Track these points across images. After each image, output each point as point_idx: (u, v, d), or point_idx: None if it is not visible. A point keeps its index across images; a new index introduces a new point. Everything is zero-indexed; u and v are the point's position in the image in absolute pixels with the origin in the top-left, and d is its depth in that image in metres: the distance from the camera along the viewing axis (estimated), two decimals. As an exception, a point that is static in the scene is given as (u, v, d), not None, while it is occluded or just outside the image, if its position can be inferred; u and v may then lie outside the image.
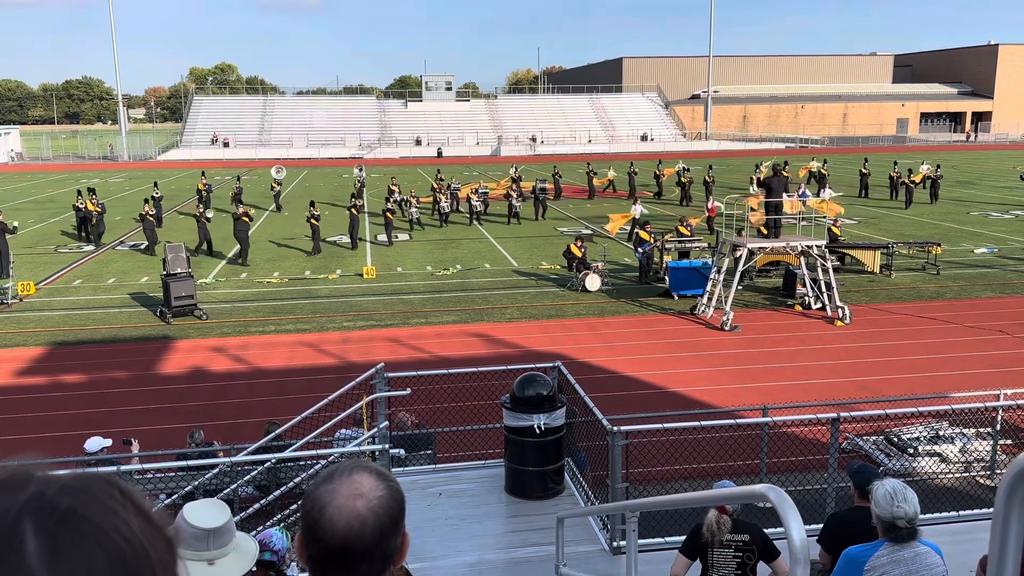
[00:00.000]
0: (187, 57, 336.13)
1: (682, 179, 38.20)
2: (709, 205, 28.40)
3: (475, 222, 32.25)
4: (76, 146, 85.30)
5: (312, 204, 26.90)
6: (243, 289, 21.46)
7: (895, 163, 40.41)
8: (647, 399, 12.92)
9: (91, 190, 29.99)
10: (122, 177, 56.57)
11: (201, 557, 2.61)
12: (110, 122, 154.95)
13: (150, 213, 26.99)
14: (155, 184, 33.14)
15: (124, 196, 44.26)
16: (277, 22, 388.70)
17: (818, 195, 28.29)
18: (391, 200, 34.01)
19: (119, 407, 13.15)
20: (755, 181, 35.13)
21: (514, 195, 32.53)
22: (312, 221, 25.90)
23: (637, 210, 26.88)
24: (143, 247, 27.35)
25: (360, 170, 42.09)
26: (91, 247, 27.77)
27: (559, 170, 42.59)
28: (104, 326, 18.00)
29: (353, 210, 26.79)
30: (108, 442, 9.09)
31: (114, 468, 7.30)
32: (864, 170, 39.32)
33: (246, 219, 24.71)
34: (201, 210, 27.40)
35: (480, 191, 33.59)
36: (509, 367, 9.24)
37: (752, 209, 20.65)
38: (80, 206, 28.45)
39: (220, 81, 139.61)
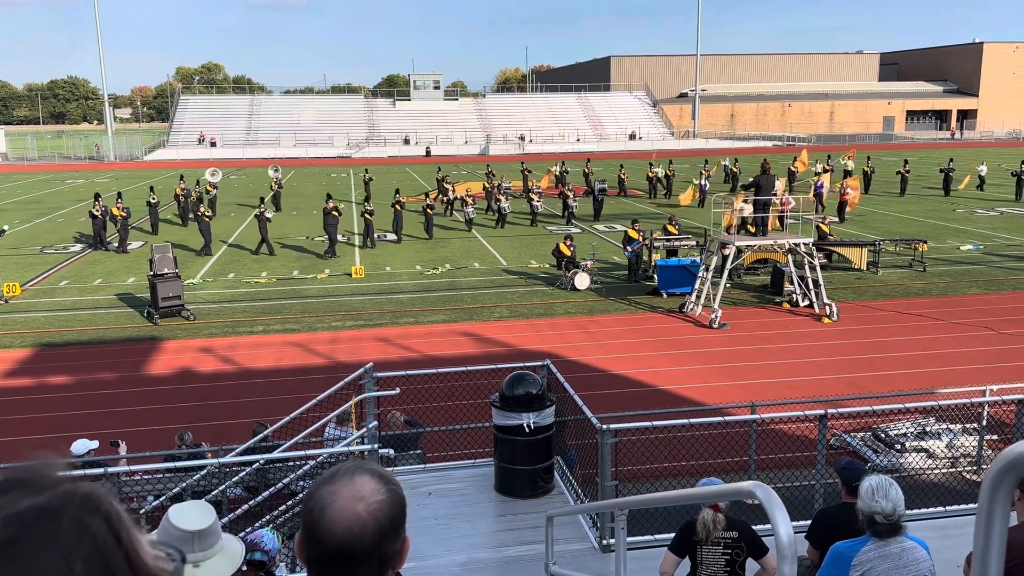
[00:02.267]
0: (174, 56, 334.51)
1: (733, 170, 38.79)
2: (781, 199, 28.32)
3: (534, 223, 31.58)
4: (61, 146, 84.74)
5: (367, 200, 28.27)
6: (231, 289, 21.37)
7: (950, 160, 41.58)
8: (636, 397, 12.94)
9: (118, 194, 29.57)
10: (108, 177, 56.24)
11: (186, 560, 2.60)
12: (96, 122, 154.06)
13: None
14: (151, 188, 32.61)
15: (110, 197, 43.96)
16: (264, 21, 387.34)
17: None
18: (444, 199, 34.29)
19: (106, 409, 13.07)
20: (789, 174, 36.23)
21: (570, 194, 32.22)
22: (366, 216, 26.97)
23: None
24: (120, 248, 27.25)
25: (276, 171, 39.84)
26: (96, 249, 27.27)
27: (625, 169, 42.80)
28: (91, 327, 17.89)
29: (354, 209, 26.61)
30: (95, 444, 9.04)
31: (101, 470, 7.25)
32: (904, 170, 39.52)
33: (336, 213, 25.54)
34: (202, 209, 27.07)
35: (536, 190, 33.42)
36: (498, 366, 9.23)
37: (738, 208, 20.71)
38: (96, 212, 27.09)
39: (207, 80, 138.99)
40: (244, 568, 2.84)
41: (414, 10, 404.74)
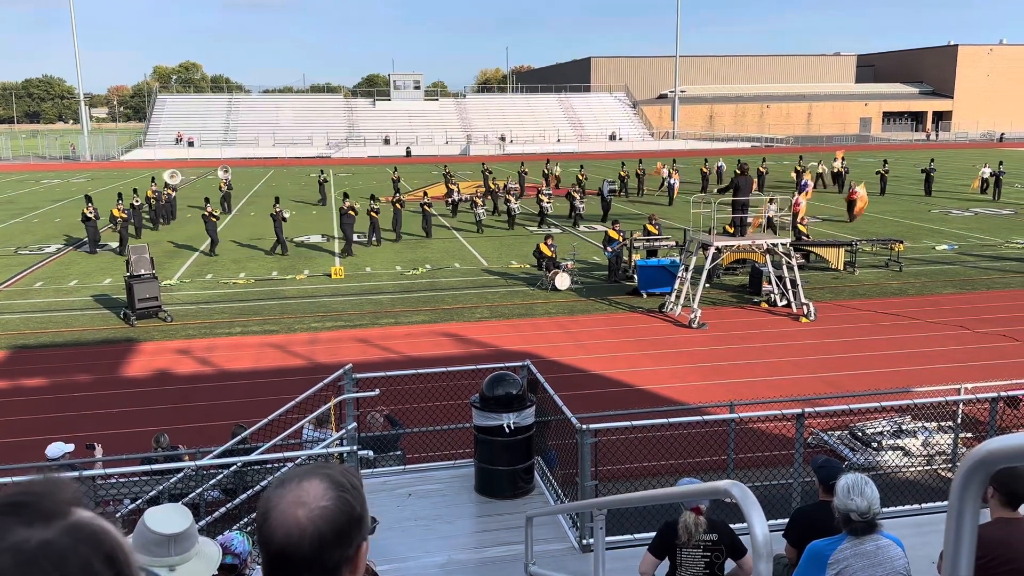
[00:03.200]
0: (151, 55, 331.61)
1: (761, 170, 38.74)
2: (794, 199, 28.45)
3: (542, 224, 31.05)
4: (36, 146, 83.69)
5: (373, 197, 28.28)
6: (208, 290, 21.20)
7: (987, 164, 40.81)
8: (617, 397, 12.98)
9: (118, 196, 28.99)
10: (84, 177, 55.63)
11: (162, 563, 2.57)
12: (72, 121, 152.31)
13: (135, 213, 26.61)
14: (134, 191, 31.96)
15: (106, 198, 43.46)
16: (243, 20, 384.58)
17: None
18: (449, 200, 34.06)
19: (82, 411, 12.92)
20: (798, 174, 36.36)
21: (577, 196, 31.99)
22: (372, 214, 27.26)
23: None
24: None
25: (225, 171, 39.10)
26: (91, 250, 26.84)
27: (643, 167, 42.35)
28: (66, 329, 17.68)
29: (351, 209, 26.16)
30: (70, 447, 8.94)
31: (76, 473, 7.17)
32: (883, 170, 39.77)
33: (352, 212, 25.76)
34: (210, 209, 26.70)
35: (546, 191, 33.11)
36: (479, 367, 9.23)
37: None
38: (89, 214, 26.37)
39: (184, 80, 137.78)
40: (216, 573, 2.82)
41: (394, 10, 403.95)
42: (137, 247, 18.38)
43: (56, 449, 8.79)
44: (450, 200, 35.30)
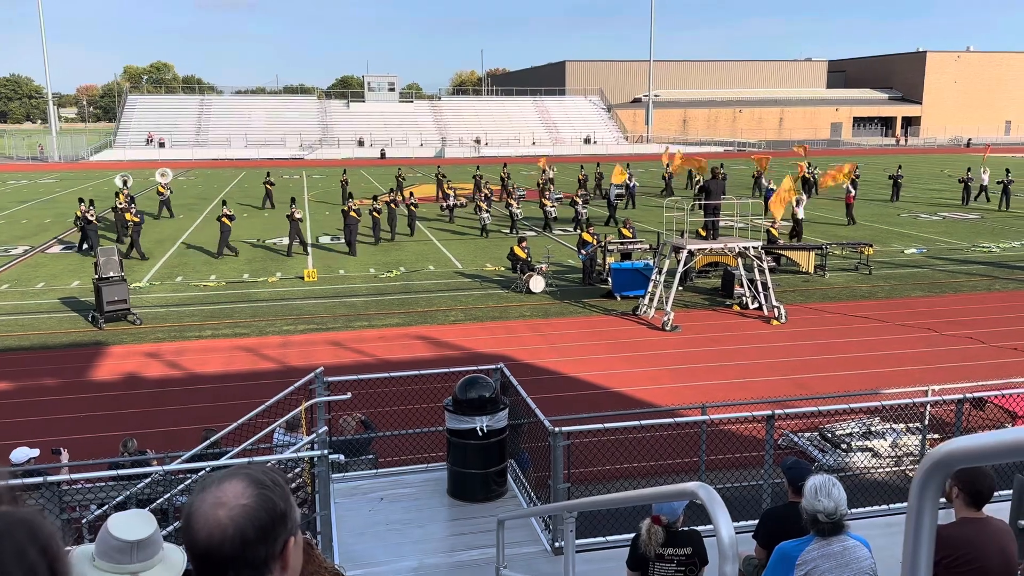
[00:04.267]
0: (121, 55, 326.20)
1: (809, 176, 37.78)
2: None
3: (545, 230, 30.71)
4: (3, 146, 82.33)
5: (375, 198, 28.60)
6: (178, 293, 20.96)
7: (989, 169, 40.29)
8: (590, 399, 13.00)
9: (131, 199, 28.24)
10: (53, 178, 54.81)
11: (124, 571, 2.53)
12: (40, 121, 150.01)
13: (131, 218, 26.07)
14: (116, 195, 31.18)
15: (55, 197, 42.89)
16: (215, 20, 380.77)
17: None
18: (445, 204, 32.95)
19: (48, 416, 12.72)
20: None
21: (580, 201, 31.04)
22: (374, 214, 27.76)
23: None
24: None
25: (163, 175, 35.83)
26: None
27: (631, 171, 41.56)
28: (33, 332, 17.39)
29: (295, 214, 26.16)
30: (36, 452, 8.78)
31: (41, 479, 7.05)
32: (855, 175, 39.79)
33: (355, 215, 26.06)
34: (226, 211, 26.20)
35: (553, 196, 32.54)
36: (452, 369, 9.20)
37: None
38: (91, 217, 25.80)
39: (156, 80, 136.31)
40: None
41: (368, 11, 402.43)
42: (105, 249, 18.12)
43: (21, 454, 8.63)
44: (446, 205, 33.68)
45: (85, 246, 26.36)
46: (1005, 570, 3.94)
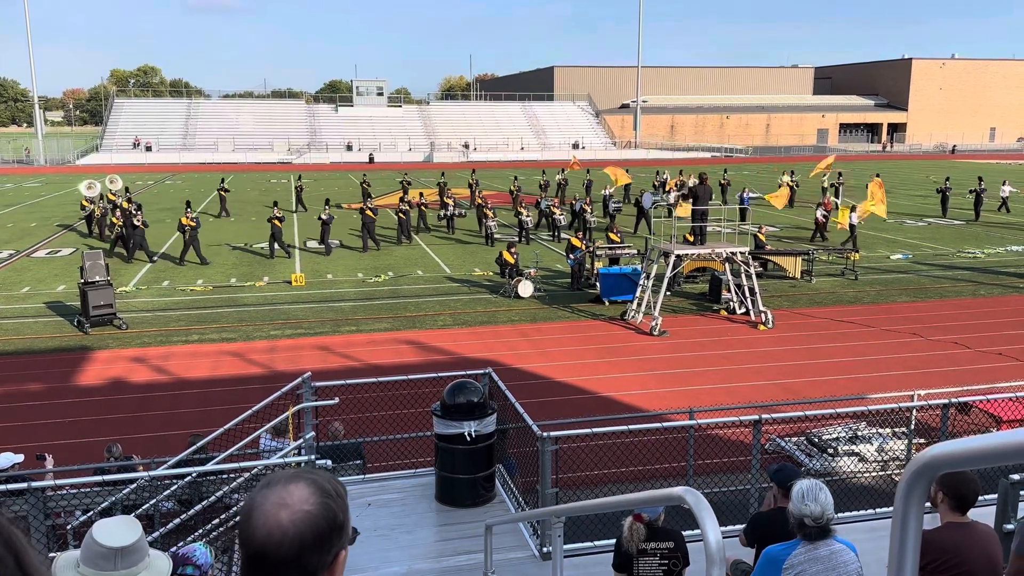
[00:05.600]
0: (108, 58, 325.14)
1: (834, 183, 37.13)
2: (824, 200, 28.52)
3: (556, 238, 30.07)
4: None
5: (402, 199, 29.59)
6: (165, 297, 20.85)
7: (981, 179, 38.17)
8: (578, 404, 13.01)
9: (187, 204, 27.45)
10: (39, 182, 54.43)
11: (108, 577, 2.51)
12: (25, 124, 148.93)
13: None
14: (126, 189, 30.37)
15: (40, 201, 42.59)
16: (203, 23, 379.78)
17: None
18: (445, 213, 31.50)
19: (33, 421, 12.61)
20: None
21: (589, 208, 29.78)
22: (400, 215, 28.78)
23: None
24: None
25: (90, 188, 32.39)
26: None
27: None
28: (17, 336, 17.25)
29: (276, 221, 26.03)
30: (20, 458, 8.68)
31: (25, 485, 6.98)
32: (837, 182, 39.11)
33: (372, 214, 27.12)
34: (276, 212, 26.16)
35: (580, 201, 31.20)
36: (440, 374, 9.18)
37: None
38: (136, 221, 25.72)
39: (143, 83, 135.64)
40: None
41: (357, 15, 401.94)
42: (91, 253, 18.00)
43: (4, 460, 8.53)
44: (444, 214, 31.68)
45: (116, 247, 26.66)
46: (990, 574, 3.96)
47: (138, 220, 25.90)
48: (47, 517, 7.66)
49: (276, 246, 26.23)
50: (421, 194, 33.12)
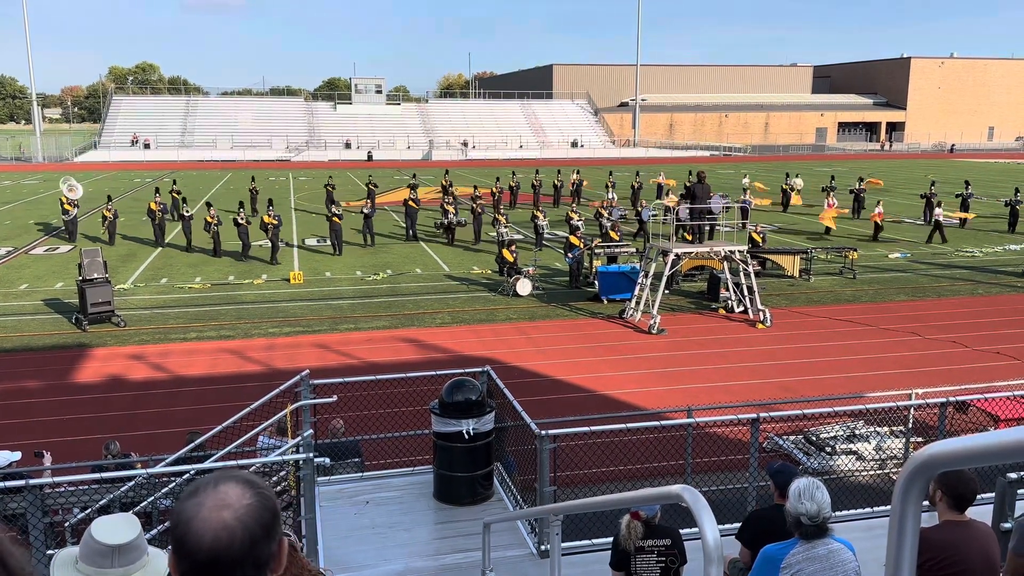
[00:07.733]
0: (106, 55, 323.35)
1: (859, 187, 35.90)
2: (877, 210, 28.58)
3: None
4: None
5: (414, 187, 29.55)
6: (163, 295, 20.83)
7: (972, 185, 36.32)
8: (577, 402, 13.01)
9: (269, 201, 27.24)
10: (36, 179, 54.36)
11: (105, 575, 2.51)
12: (24, 122, 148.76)
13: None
14: (156, 190, 30.06)
15: (39, 198, 42.53)
16: (201, 21, 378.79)
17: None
18: (443, 221, 29.25)
19: (31, 418, 12.60)
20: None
21: (606, 212, 28.35)
22: (411, 203, 29.57)
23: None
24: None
25: (66, 183, 30.26)
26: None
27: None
28: (16, 334, 17.24)
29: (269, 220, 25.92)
30: (17, 455, 8.68)
31: (23, 482, 6.98)
32: (830, 185, 38.41)
33: (415, 204, 29.16)
34: (272, 212, 25.97)
35: (609, 207, 29.67)
36: (438, 372, 9.18)
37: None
38: (185, 212, 27.62)
39: (141, 81, 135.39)
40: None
41: (356, 13, 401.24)
42: (89, 250, 17.98)
43: (2, 457, 8.53)
44: (442, 222, 29.33)
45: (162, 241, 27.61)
46: (988, 573, 3.97)
47: (186, 211, 27.45)
48: (45, 514, 7.66)
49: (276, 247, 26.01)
50: (501, 208, 30.25)
